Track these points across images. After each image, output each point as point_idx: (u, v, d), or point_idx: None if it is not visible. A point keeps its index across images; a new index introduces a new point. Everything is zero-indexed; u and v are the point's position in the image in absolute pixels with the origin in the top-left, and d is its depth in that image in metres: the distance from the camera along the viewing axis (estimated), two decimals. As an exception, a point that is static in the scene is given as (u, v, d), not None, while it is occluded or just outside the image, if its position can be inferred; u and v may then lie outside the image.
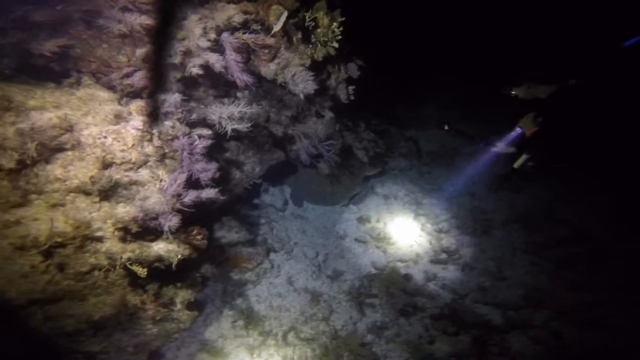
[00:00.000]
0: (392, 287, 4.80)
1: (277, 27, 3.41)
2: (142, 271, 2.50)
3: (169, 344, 3.00)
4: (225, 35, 3.42)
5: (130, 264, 2.48)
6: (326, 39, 3.83)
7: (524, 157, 3.81)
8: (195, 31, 3.30)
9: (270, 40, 3.68)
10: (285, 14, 3.42)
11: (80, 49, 3.15)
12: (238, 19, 3.28)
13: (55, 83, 3.02)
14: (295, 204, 5.49)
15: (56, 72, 3.08)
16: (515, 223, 5.56)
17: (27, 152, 2.34)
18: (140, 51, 3.18)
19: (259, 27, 3.51)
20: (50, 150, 2.56)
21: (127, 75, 3.14)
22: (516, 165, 3.88)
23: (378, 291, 4.72)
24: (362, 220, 5.53)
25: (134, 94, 3.11)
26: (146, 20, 2.96)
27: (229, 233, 4.38)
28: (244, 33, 3.45)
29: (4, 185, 2.33)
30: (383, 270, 4.97)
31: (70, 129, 2.67)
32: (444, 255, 5.34)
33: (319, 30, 3.78)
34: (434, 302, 4.82)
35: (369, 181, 5.97)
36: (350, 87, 4.42)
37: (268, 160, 4.77)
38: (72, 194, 2.58)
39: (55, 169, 2.55)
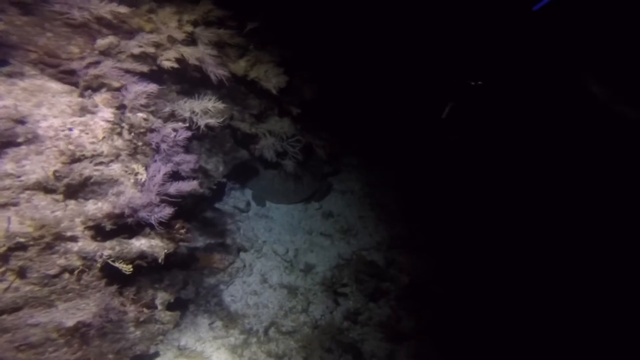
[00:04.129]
0: (360, 275, 4.82)
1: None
2: (127, 267, 2.18)
3: (146, 353, 2.63)
4: (200, 29, 3.22)
5: (113, 261, 2.15)
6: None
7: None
8: (169, 23, 3.06)
9: (240, 40, 3.55)
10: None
11: (17, 37, 2.71)
12: (216, 14, 3.11)
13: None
14: (258, 204, 5.28)
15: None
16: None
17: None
18: (102, 42, 2.83)
19: (234, 23, 3.38)
20: None
21: (89, 67, 2.78)
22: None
23: (348, 280, 4.71)
24: (325, 215, 5.50)
25: (98, 86, 2.75)
26: (116, 9, 2.66)
27: (195, 233, 4.05)
28: (219, 28, 3.28)
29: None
30: (350, 260, 4.98)
31: (21, 120, 2.27)
32: (399, 241, 5.51)
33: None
34: (396, 285, 4.95)
35: (326, 179, 5.98)
36: (315, 86, 4.43)
37: (232, 160, 4.54)
38: (27, 192, 2.17)
39: (5, 164, 2.13)
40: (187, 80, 3.70)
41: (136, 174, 2.60)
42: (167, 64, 3.31)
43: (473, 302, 4.81)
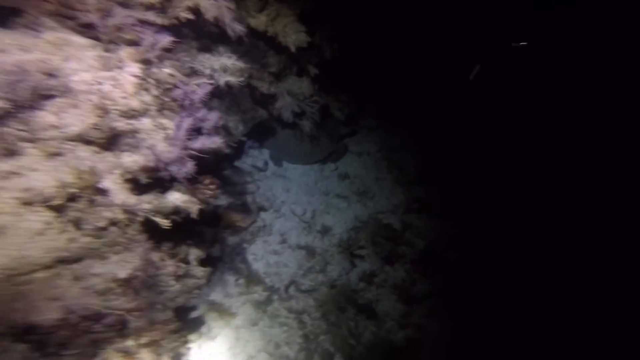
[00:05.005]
0: (376, 238, 4.98)
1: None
2: (165, 222, 2.30)
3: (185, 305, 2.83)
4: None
5: (152, 215, 2.26)
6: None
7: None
8: None
9: (259, -15, 3.44)
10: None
11: None
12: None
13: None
14: (275, 164, 5.37)
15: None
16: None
17: (16, 93, 1.97)
18: (120, -8, 2.77)
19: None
20: (35, 95, 2.18)
21: (107, 18, 2.73)
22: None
23: (364, 242, 4.88)
24: (341, 176, 5.58)
25: (120, 40, 2.73)
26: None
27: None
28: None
29: (-6, 131, 1.95)
30: (367, 222, 5.12)
31: (53, 73, 2.29)
32: (416, 205, 5.61)
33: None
34: (412, 249, 5.12)
35: (343, 140, 6.00)
36: (336, 44, 4.33)
37: (251, 119, 4.56)
38: (71, 143, 2.25)
39: (47, 116, 2.19)
40: (206, 35, 3.63)
41: (165, 128, 2.65)
42: (182, 15, 3.23)
43: (488, 268, 5.00)
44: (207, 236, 3.22)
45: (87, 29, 2.78)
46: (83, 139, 2.19)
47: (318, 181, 5.44)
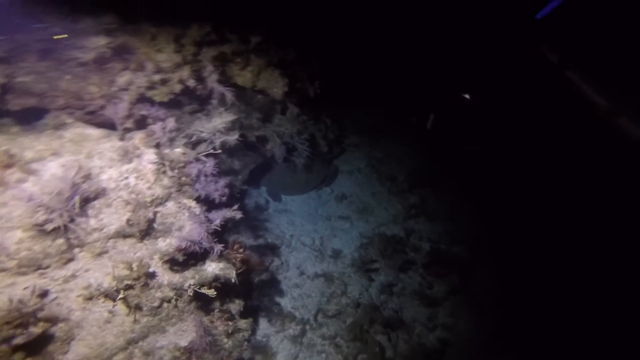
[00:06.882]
0: (385, 250, 5.35)
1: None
2: (210, 292, 2.60)
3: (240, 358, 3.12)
4: (201, 48, 3.48)
5: (199, 288, 2.57)
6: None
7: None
8: (173, 47, 3.31)
9: (243, 49, 3.81)
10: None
11: (47, 84, 2.96)
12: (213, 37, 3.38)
13: (22, 125, 2.82)
14: (275, 200, 5.69)
15: (15, 113, 2.85)
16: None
17: (70, 208, 2.26)
18: (122, 79, 3.10)
19: (235, 36, 3.64)
20: (81, 204, 2.48)
21: (113, 105, 3.04)
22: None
23: (375, 256, 5.24)
24: (338, 198, 5.96)
25: (132, 125, 3.05)
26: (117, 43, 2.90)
27: (232, 243, 4.46)
28: (221, 45, 3.55)
29: (51, 245, 2.24)
30: (372, 238, 5.49)
31: (87, 176, 2.59)
32: (413, 211, 6.04)
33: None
34: (420, 253, 5.52)
35: (332, 162, 6.39)
36: (316, 82, 4.76)
37: (248, 165, 4.90)
38: (112, 240, 2.54)
39: (89, 220, 2.48)
40: (197, 98, 3.97)
41: (189, 207, 2.96)
42: (177, 88, 3.60)
43: (493, 260, 5.45)
44: (239, 289, 3.52)
45: (93, 116, 3.09)
46: (122, 235, 2.49)
47: (318, 208, 5.80)
